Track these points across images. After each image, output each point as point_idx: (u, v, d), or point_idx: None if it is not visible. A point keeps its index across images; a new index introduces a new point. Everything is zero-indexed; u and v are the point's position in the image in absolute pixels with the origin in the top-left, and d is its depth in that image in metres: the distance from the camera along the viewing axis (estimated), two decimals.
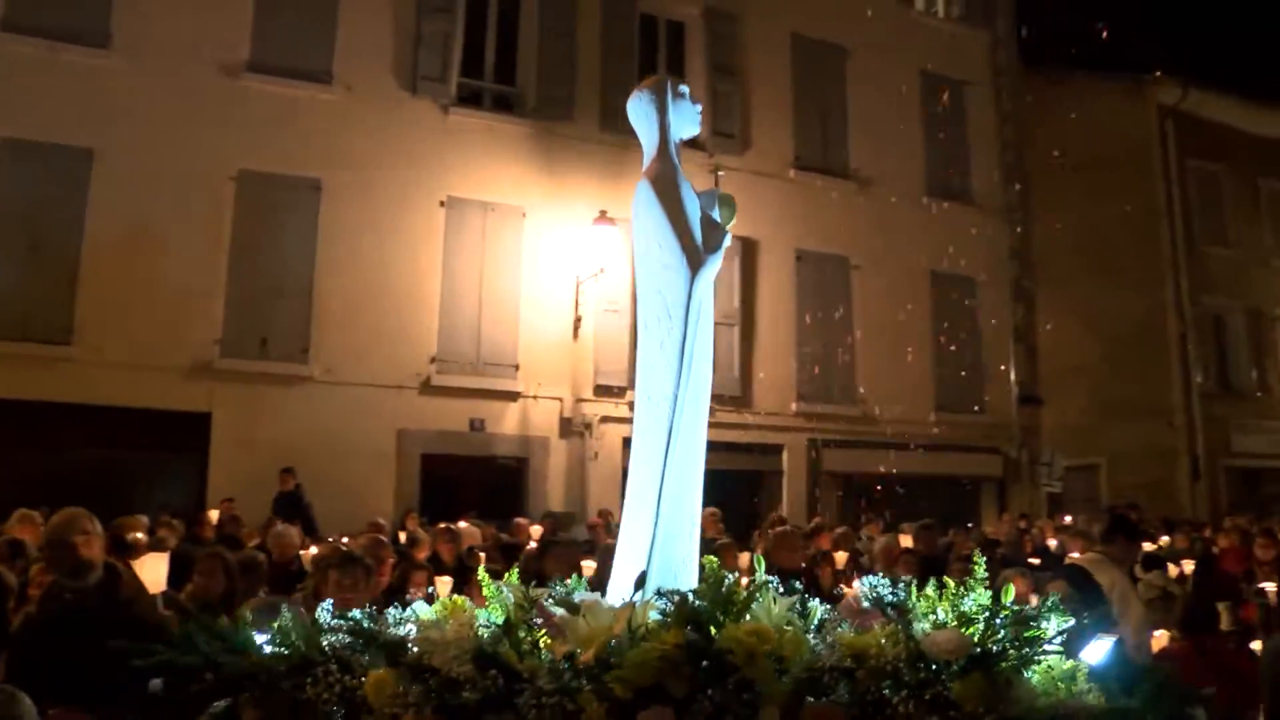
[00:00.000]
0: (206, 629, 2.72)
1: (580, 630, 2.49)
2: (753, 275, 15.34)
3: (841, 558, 9.65)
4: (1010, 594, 2.58)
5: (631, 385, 13.75)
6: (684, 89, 3.55)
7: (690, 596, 2.51)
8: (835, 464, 15.63)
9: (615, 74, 14.79)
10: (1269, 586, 7.51)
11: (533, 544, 9.54)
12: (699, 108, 3.57)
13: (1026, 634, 2.41)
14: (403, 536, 9.94)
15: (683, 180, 3.29)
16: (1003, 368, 17.71)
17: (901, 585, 2.62)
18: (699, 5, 15.80)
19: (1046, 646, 2.43)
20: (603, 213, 13.84)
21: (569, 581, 3.18)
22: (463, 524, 10.34)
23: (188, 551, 6.58)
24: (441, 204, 13.46)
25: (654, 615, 2.51)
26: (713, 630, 2.43)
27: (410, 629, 2.71)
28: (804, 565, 7.46)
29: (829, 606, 2.87)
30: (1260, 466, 21.87)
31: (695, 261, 3.12)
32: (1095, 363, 20.00)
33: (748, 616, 2.51)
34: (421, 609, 2.90)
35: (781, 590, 2.74)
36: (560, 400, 13.82)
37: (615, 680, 2.30)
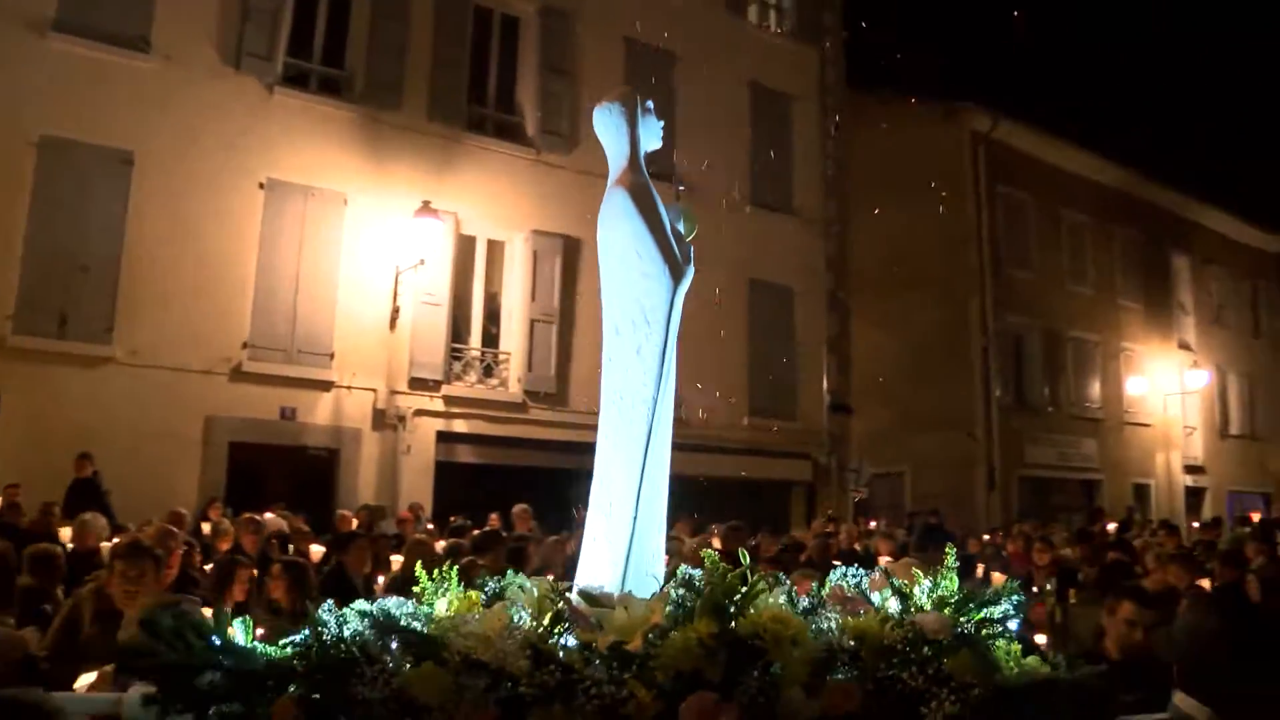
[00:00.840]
0: (195, 628, 2.71)
1: (619, 621, 2.67)
2: (574, 274, 15.79)
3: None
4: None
5: (446, 379, 14.41)
6: (650, 104, 3.77)
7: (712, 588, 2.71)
8: None
9: (446, 64, 15.16)
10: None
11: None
12: (661, 124, 3.82)
13: (989, 616, 2.84)
14: (206, 528, 10.00)
15: (654, 192, 3.51)
16: (815, 376, 18.95)
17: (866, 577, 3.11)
18: (535, 2, 16.23)
19: (999, 628, 2.85)
20: (426, 203, 14.19)
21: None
22: (269, 515, 10.47)
23: None
24: (261, 185, 13.46)
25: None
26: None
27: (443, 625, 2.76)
28: None
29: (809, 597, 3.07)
30: (1050, 477, 24.13)
31: (677, 271, 3.38)
32: (903, 374, 21.61)
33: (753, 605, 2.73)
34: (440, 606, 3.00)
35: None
36: (374, 391, 13.98)
37: (660, 667, 2.49)
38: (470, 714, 2.41)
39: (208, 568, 7.15)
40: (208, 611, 3.66)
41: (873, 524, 16.67)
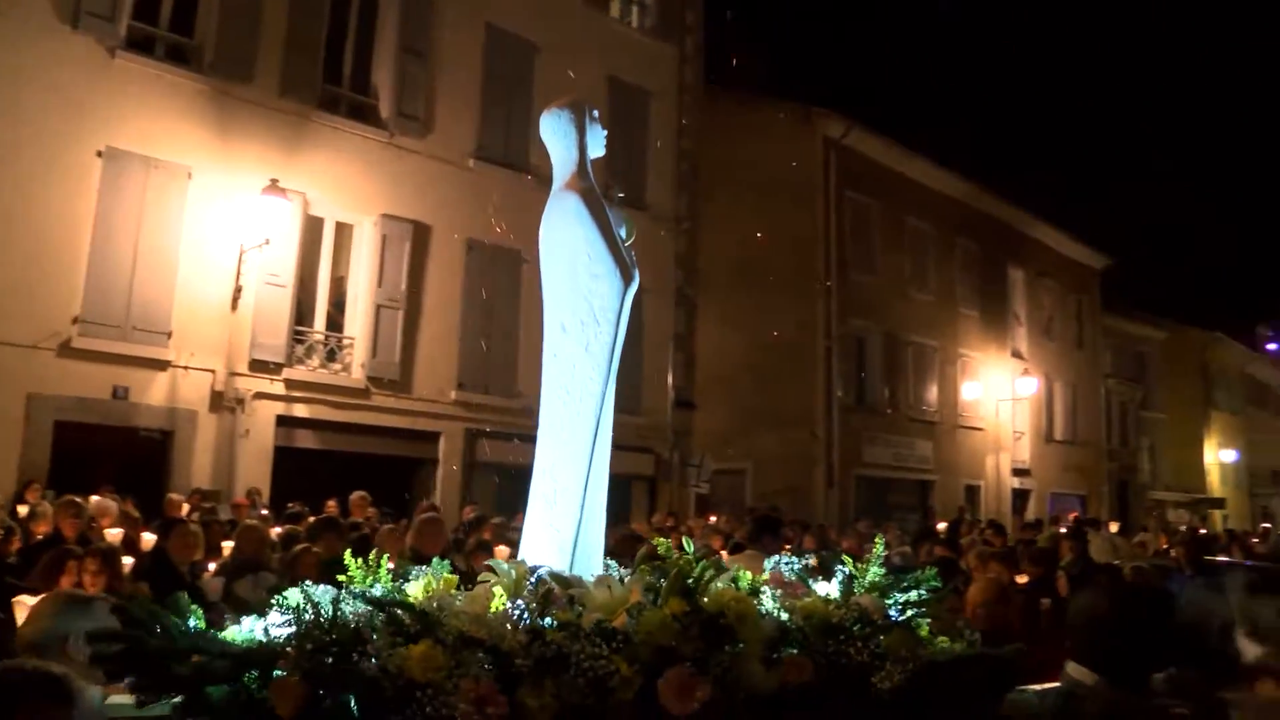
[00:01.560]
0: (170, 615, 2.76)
1: (601, 600, 2.89)
2: (422, 260, 16.10)
3: (503, 551, 11.04)
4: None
5: (288, 362, 14.60)
6: (595, 113, 3.95)
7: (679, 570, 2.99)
8: (491, 454, 16.49)
9: (301, 40, 15.10)
10: None
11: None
12: (605, 132, 4.00)
13: (910, 600, 3.21)
14: (22, 510, 9.81)
15: (601, 198, 3.73)
16: (661, 371, 19.65)
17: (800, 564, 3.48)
18: None
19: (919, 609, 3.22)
20: (274, 182, 14.14)
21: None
22: (95, 499, 10.23)
23: None
24: (99, 154, 13.20)
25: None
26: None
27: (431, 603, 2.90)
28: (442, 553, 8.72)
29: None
30: (887, 476, 25.64)
31: (626, 274, 3.59)
32: (748, 372, 22.62)
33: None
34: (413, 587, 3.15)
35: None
36: (213, 373, 13.88)
37: (641, 643, 2.71)
38: (471, 689, 2.53)
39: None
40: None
41: (713, 518, 17.52)
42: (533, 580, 3.02)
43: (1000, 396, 29.08)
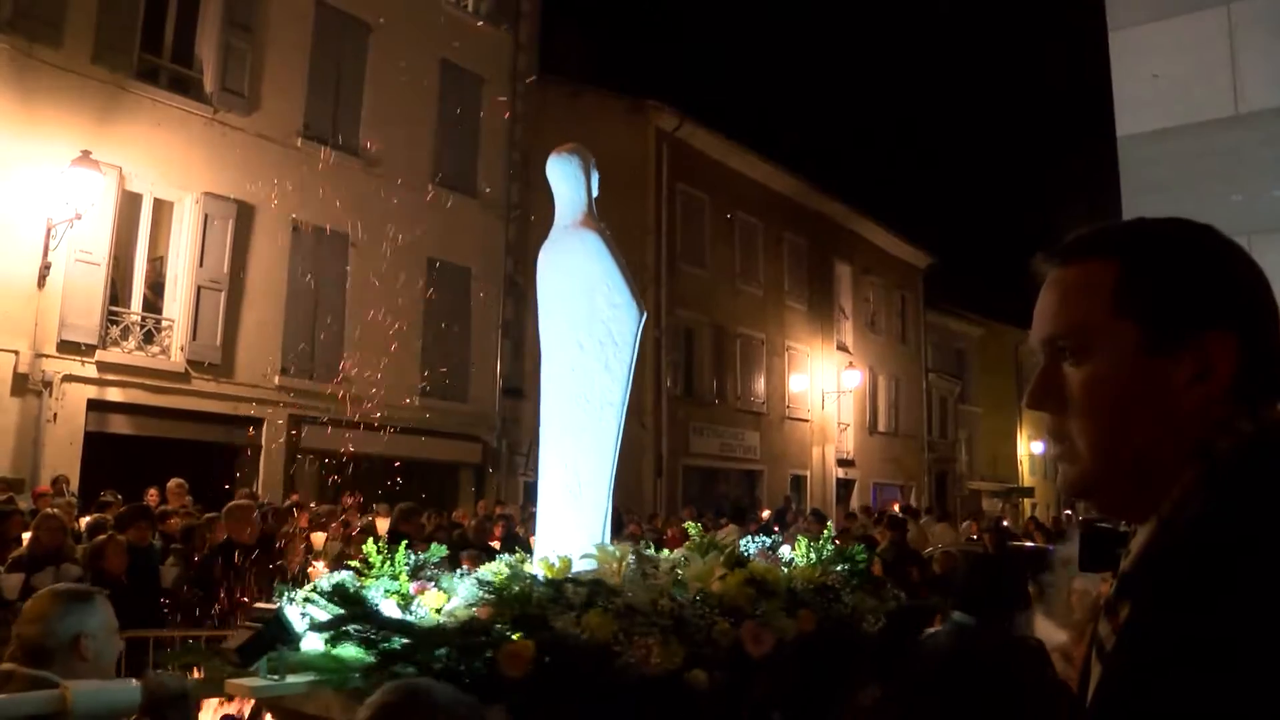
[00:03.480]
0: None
1: (696, 570, 3.88)
2: (246, 241, 16.04)
3: (319, 538, 11.25)
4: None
5: (102, 344, 14.37)
6: (593, 159, 4.79)
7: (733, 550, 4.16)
8: (315, 442, 16.71)
9: (116, 5, 14.76)
10: None
11: None
12: (598, 175, 4.76)
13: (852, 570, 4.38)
14: None
15: None
16: (489, 359, 20.06)
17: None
18: None
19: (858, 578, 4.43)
20: (85, 153, 13.81)
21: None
22: None
23: None
24: None
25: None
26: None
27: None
28: (259, 539, 8.94)
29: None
30: (715, 467, 26.58)
31: (641, 306, 4.42)
32: None
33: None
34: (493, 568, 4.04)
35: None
36: (16, 354, 13.54)
37: (729, 606, 3.72)
38: (641, 646, 3.31)
39: None
40: None
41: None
42: (634, 558, 3.94)
43: (826, 389, 30.43)
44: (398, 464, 17.02)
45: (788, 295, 29.35)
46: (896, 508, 22.75)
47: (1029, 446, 43.63)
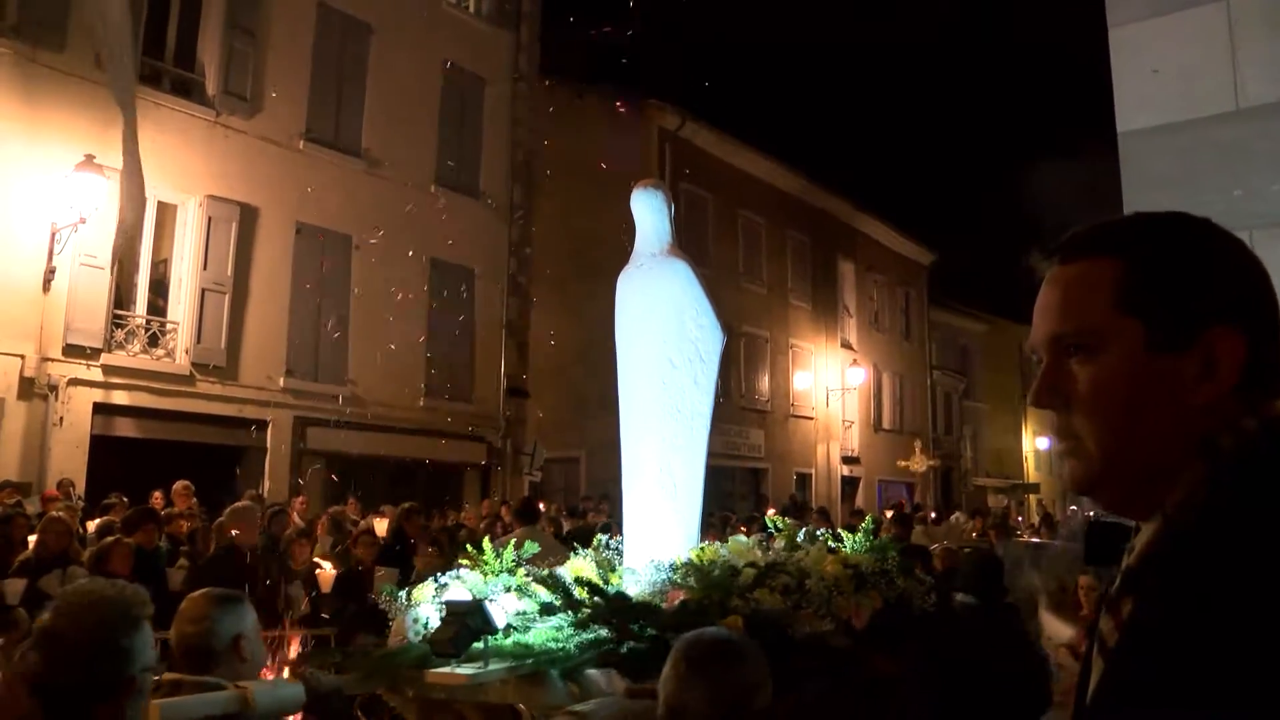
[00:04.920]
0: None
1: (815, 557, 4.44)
2: (250, 243, 16.05)
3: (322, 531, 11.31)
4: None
5: (107, 347, 14.40)
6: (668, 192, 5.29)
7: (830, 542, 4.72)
8: (321, 443, 16.71)
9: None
10: None
11: None
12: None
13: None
14: None
15: None
16: (493, 359, 20.04)
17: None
18: None
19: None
20: (89, 158, 13.80)
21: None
22: None
23: None
24: None
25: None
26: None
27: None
28: (258, 540, 9.00)
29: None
30: (720, 465, 26.28)
31: (722, 327, 4.97)
32: (581, 361, 23.22)
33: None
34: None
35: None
36: (22, 358, 13.53)
37: (846, 585, 4.28)
38: (803, 617, 4.06)
39: None
40: None
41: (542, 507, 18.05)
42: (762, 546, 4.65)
43: (830, 386, 30.47)
44: (403, 464, 17.07)
45: (792, 293, 29.38)
46: (900, 505, 22.82)
47: (1034, 442, 43.64)
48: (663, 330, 4.81)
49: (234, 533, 8.37)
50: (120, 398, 14.56)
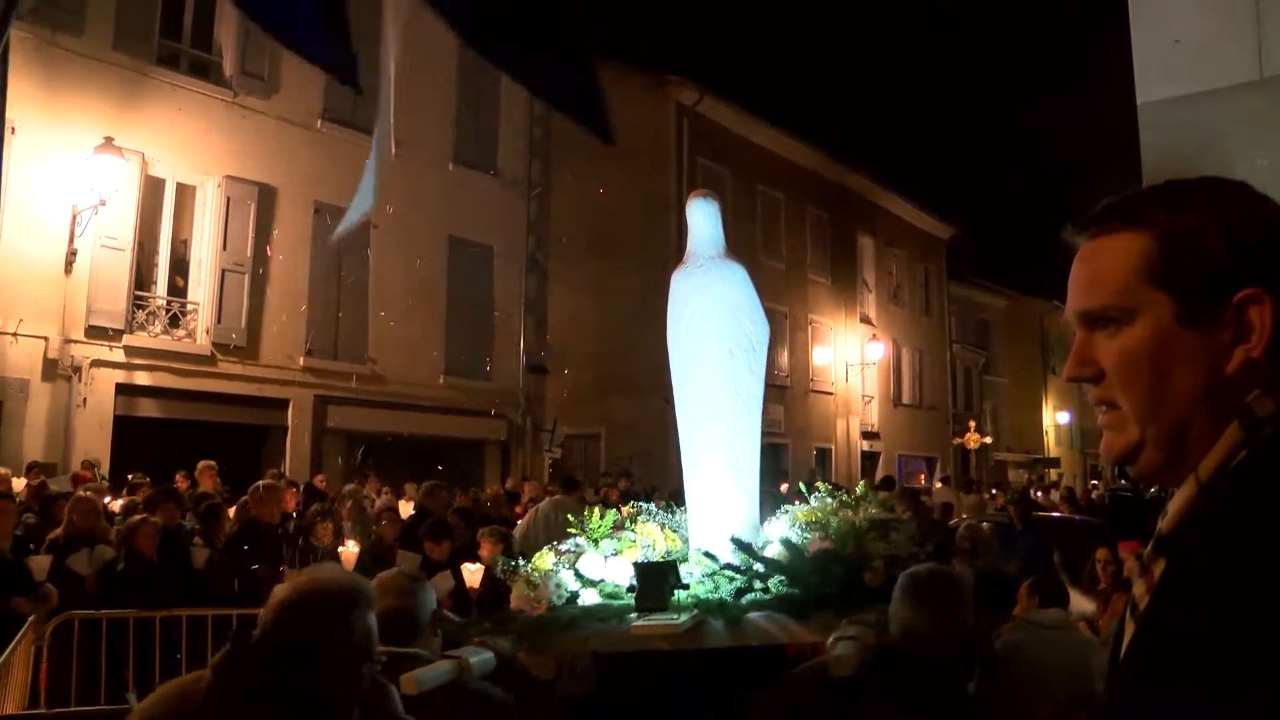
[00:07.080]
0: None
1: (846, 529, 4.81)
2: (269, 223, 16.12)
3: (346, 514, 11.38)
4: None
5: (128, 328, 14.51)
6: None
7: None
8: (342, 421, 16.84)
9: None
10: None
11: None
12: None
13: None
14: None
15: None
16: (513, 336, 20.12)
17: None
18: None
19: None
20: (108, 140, 13.91)
21: None
22: None
23: None
24: None
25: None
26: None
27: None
28: (281, 518, 9.06)
29: None
30: None
31: (766, 321, 5.31)
32: (600, 337, 23.22)
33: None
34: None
35: None
36: (45, 340, 13.63)
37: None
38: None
39: None
40: None
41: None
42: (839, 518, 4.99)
43: (850, 361, 30.38)
44: (424, 442, 17.13)
45: (811, 269, 29.25)
46: (923, 480, 22.77)
47: (1054, 417, 43.42)
48: (720, 324, 5.23)
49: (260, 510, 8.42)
50: (142, 378, 14.67)
